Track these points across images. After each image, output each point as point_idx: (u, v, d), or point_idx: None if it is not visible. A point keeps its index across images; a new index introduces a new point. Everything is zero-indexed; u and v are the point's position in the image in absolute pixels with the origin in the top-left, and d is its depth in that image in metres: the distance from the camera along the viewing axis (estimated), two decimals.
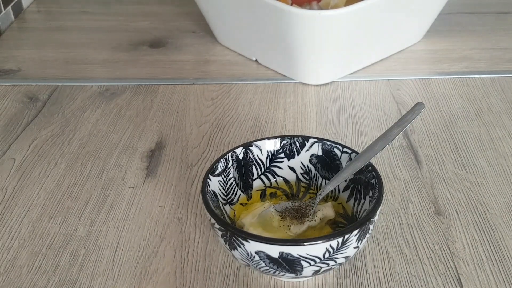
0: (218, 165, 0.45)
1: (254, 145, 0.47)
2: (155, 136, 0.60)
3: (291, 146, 0.48)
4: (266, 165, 0.48)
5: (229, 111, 0.63)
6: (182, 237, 0.47)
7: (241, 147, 0.47)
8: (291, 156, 0.48)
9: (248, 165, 0.47)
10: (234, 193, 0.47)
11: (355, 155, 0.45)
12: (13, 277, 0.44)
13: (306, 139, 0.47)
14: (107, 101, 0.66)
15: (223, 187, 0.45)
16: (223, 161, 0.45)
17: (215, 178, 0.45)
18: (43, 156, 0.57)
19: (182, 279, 0.44)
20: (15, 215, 0.50)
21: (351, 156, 0.46)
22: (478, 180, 0.52)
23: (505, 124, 0.60)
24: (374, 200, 0.41)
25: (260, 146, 0.47)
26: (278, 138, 0.48)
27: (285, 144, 0.48)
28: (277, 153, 0.48)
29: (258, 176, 0.48)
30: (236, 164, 0.47)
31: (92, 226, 0.49)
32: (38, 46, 0.79)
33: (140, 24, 0.85)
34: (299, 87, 0.68)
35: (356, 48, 0.67)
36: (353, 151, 0.46)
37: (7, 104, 0.66)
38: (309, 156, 0.48)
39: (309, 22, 0.61)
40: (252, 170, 0.48)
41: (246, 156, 0.47)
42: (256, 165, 0.48)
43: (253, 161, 0.47)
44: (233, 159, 0.46)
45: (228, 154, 0.46)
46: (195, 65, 0.73)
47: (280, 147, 0.48)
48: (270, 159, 0.48)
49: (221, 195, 0.45)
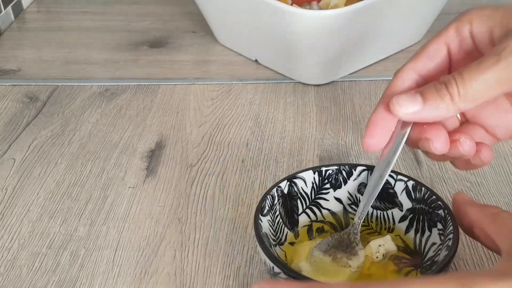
0: (266, 202, 0.41)
1: (298, 177, 0.44)
2: (155, 136, 0.60)
3: (337, 175, 0.45)
4: (311, 198, 0.45)
5: (229, 111, 0.63)
6: (182, 237, 0.47)
7: (285, 180, 0.43)
8: (337, 186, 0.45)
9: (293, 199, 0.44)
10: (282, 232, 0.43)
11: (412, 183, 0.42)
12: (13, 277, 0.44)
13: (354, 167, 0.44)
14: (107, 101, 0.66)
15: (272, 226, 0.42)
16: (270, 198, 0.42)
17: (265, 218, 0.41)
18: (43, 156, 0.57)
19: (182, 279, 0.44)
20: (15, 215, 0.50)
21: (407, 184, 0.43)
22: (478, 180, 0.52)
23: None
24: (451, 236, 0.38)
25: (305, 178, 0.44)
26: (323, 168, 0.44)
27: (330, 173, 0.44)
28: (322, 184, 0.45)
29: (303, 210, 0.45)
30: (282, 200, 0.43)
31: (92, 226, 0.49)
32: (38, 46, 0.79)
33: (140, 24, 0.85)
34: (299, 87, 0.68)
35: (356, 48, 0.67)
36: (409, 178, 0.43)
37: (7, 104, 0.66)
38: (357, 185, 0.44)
39: (309, 22, 0.61)
40: (297, 204, 0.44)
41: (291, 190, 0.44)
42: (301, 198, 0.44)
43: (298, 195, 0.44)
44: (279, 194, 0.43)
45: (273, 189, 0.42)
46: (195, 65, 0.73)
47: (325, 177, 0.44)
48: (316, 191, 0.45)
49: (271, 236, 0.41)
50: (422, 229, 0.42)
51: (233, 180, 0.53)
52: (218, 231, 0.48)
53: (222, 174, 0.54)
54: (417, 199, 0.42)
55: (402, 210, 0.43)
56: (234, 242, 0.47)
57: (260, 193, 0.52)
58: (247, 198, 0.51)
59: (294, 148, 0.57)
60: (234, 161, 0.56)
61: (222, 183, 0.53)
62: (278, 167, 0.55)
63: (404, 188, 0.43)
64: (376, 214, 0.45)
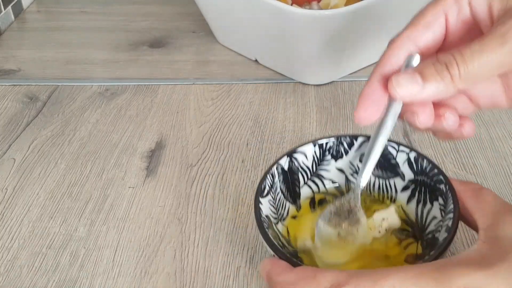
0: (266, 183, 0.41)
1: (298, 151, 0.44)
2: (155, 136, 0.60)
3: (337, 147, 0.45)
4: (312, 171, 0.45)
5: (229, 111, 0.63)
6: (182, 237, 0.47)
7: (285, 156, 0.43)
8: (339, 156, 0.45)
9: (294, 173, 0.44)
10: (283, 208, 0.43)
11: (414, 154, 0.42)
12: (13, 277, 0.44)
13: (355, 138, 0.44)
14: (107, 101, 0.66)
15: (273, 205, 0.42)
16: (270, 177, 0.42)
17: (265, 199, 0.41)
18: (43, 156, 0.57)
19: (182, 279, 0.44)
20: (15, 215, 0.50)
21: (409, 156, 0.43)
22: (478, 180, 0.52)
23: (505, 124, 0.60)
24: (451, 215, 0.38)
25: (305, 152, 0.44)
26: (323, 140, 0.44)
27: (331, 146, 0.45)
28: (323, 156, 0.45)
29: (305, 183, 0.45)
30: (283, 176, 0.43)
31: (92, 226, 0.49)
32: (38, 46, 0.79)
33: (140, 24, 0.85)
34: (299, 87, 0.68)
35: (356, 48, 0.67)
36: (411, 149, 0.43)
37: (7, 104, 0.66)
38: (359, 155, 0.44)
39: (309, 22, 0.61)
40: (299, 178, 0.44)
41: (291, 165, 0.44)
42: (302, 172, 0.44)
43: (299, 169, 0.44)
44: (279, 171, 0.43)
45: (273, 167, 0.42)
46: (195, 65, 0.73)
47: (326, 149, 0.45)
48: (316, 164, 0.45)
49: (272, 215, 0.41)
50: (424, 201, 0.42)
51: (233, 180, 0.53)
52: (218, 231, 0.48)
53: (222, 174, 0.54)
54: (419, 171, 0.42)
55: (404, 180, 0.43)
56: (234, 242, 0.47)
57: None
58: (247, 198, 0.51)
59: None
60: (234, 161, 0.56)
61: (222, 183, 0.53)
62: None
63: (406, 159, 0.43)
64: (378, 182, 0.45)
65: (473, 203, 0.37)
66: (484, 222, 0.35)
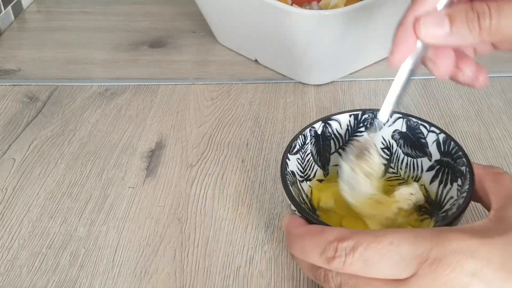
0: (297, 142, 0.44)
1: (334, 119, 0.46)
2: (155, 136, 0.60)
3: (372, 120, 0.46)
4: (345, 139, 0.46)
5: (229, 111, 0.63)
6: (182, 237, 0.47)
7: (320, 121, 0.45)
8: (372, 130, 0.46)
9: (326, 139, 0.46)
10: (311, 169, 0.45)
11: (443, 136, 0.44)
12: (13, 277, 0.44)
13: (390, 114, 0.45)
14: (107, 101, 0.66)
15: (301, 164, 0.44)
16: (302, 138, 0.44)
17: (294, 156, 0.43)
18: (43, 156, 0.57)
19: (182, 279, 0.44)
20: (15, 215, 0.50)
21: (438, 137, 0.44)
22: None
23: (505, 124, 0.60)
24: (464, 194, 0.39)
25: (340, 120, 0.46)
26: (359, 112, 0.46)
27: (366, 118, 0.46)
28: (357, 127, 0.46)
29: (336, 150, 0.46)
30: (315, 140, 0.45)
31: (92, 226, 0.49)
32: (38, 46, 0.79)
33: (140, 24, 0.85)
34: (299, 87, 0.68)
35: (356, 48, 0.67)
36: (441, 130, 0.44)
37: (7, 104, 0.66)
38: (391, 131, 0.46)
39: (309, 22, 0.61)
40: (330, 144, 0.46)
41: (325, 130, 0.46)
42: (335, 139, 0.46)
43: (332, 135, 0.46)
44: (312, 134, 0.45)
45: (307, 129, 0.45)
46: (195, 65, 0.73)
47: (361, 120, 0.46)
48: (350, 133, 0.46)
49: (299, 173, 0.44)
50: (445, 182, 0.43)
51: (233, 180, 0.53)
52: (218, 231, 0.48)
53: (222, 174, 0.54)
54: (445, 151, 0.43)
55: (431, 160, 0.44)
56: (234, 242, 0.47)
57: (260, 193, 0.52)
58: (247, 198, 0.51)
59: None
60: (234, 161, 0.56)
61: (222, 183, 0.53)
62: (278, 167, 0.55)
63: (436, 140, 0.44)
64: (406, 160, 0.46)
65: (492, 185, 0.38)
66: (497, 203, 0.36)
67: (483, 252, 0.32)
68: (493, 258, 0.32)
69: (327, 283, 0.36)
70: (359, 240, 0.34)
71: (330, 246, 0.35)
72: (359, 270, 0.34)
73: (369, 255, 0.33)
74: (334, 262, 0.34)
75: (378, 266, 0.33)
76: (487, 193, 0.38)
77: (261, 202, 0.51)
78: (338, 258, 0.34)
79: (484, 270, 0.32)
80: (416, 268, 0.32)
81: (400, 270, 0.33)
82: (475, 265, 0.32)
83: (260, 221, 0.49)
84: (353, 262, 0.34)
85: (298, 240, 0.37)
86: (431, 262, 0.32)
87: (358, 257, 0.34)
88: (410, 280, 0.33)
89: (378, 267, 0.33)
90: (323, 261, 0.35)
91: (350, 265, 0.34)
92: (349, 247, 0.34)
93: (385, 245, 0.33)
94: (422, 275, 0.32)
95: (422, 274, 0.32)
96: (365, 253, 0.33)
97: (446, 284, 0.32)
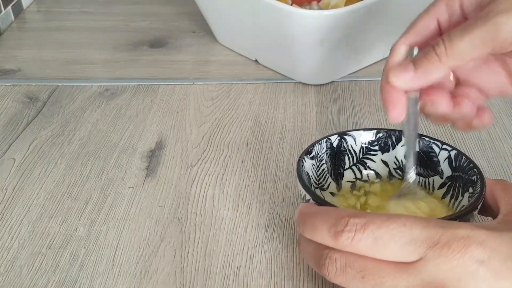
0: (313, 148, 0.45)
1: (349, 134, 0.47)
2: (155, 136, 0.60)
3: (386, 139, 0.47)
4: (359, 156, 0.47)
5: (229, 111, 0.63)
6: (182, 237, 0.47)
7: (336, 135, 0.46)
8: (386, 149, 0.47)
9: (341, 154, 0.47)
10: (325, 180, 0.46)
11: (455, 152, 0.45)
12: (13, 277, 0.44)
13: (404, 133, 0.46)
14: (107, 101, 0.66)
15: (316, 171, 0.45)
16: (318, 146, 0.45)
17: (310, 160, 0.44)
18: (43, 156, 0.57)
19: (182, 279, 0.44)
20: (15, 215, 0.50)
21: (450, 154, 0.45)
22: None
23: (505, 124, 0.60)
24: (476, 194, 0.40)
25: (355, 136, 0.47)
26: (374, 130, 0.47)
27: (380, 137, 0.47)
28: (371, 145, 0.47)
29: (350, 166, 0.47)
30: (330, 151, 0.46)
31: (92, 226, 0.49)
32: (38, 46, 0.79)
33: (140, 24, 0.85)
34: (299, 87, 0.68)
35: (356, 48, 0.67)
36: (453, 148, 0.45)
37: (7, 104, 0.66)
38: (404, 151, 0.46)
39: (309, 22, 0.61)
40: (345, 159, 0.47)
41: (340, 145, 0.47)
42: (349, 154, 0.47)
43: (346, 151, 0.47)
44: (327, 146, 0.46)
45: (323, 140, 0.46)
46: (195, 65, 0.73)
47: (375, 139, 0.47)
48: (364, 151, 0.47)
49: (313, 178, 0.45)
50: (457, 195, 0.44)
51: (233, 180, 0.53)
52: (218, 231, 0.48)
53: (222, 174, 0.54)
54: (457, 167, 0.44)
55: (443, 177, 0.45)
56: (234, 242, 0.47)
57: (260, 193, 0.52)
58: (247, 198, 0.51)
59: (294, 148, 0.57)
60: (234, 161, 0.56)
61: (222, 183, 0.53)
62: (278, 167, 0.55)
63: (447, 157, 0.45)
64: (419, 180, 0.47)
65: (501, 194, 0.40)
66: (506, 209, 0.38)
67: (491, 242, 0.33)
68: (501, 248, 0.33)
69: (331, 265, 0.35)
70: (372, 218, 0.34)
71: (341, 221, 0.34)
72: (367, 249, 0.34)
73: (380, 234, 0.33)
74: (343, 236, 0.34)
75: (387, 246, 0.33)
76: (496, 200, 0.40)
77: (261, 202, 0.51)
78: (347, 233, 0.34)
79: (491, 259, 0.32)
80: (425, 252, 0.33)
81: (409, 252, 0.33)
82: (484, 253, 0.32)
83: (260, 221, 0.49)
84: (362, 238, 0.34)
85: (309, 218, 0.37)
86: (441, 246, 0.32)
87: (369, 234, 0.33)
88: (418, 263, 0.33)
89: (388, 247, 0.33)
90: (331, 235, 0.35)
91: (359, 241, 0.34)
92: (360, 223, 0.34)
93: (398, 225, 0.33)
94: (430, 258, 0.33)
95: (430, 257, 0.33)
96: (376, 231, 0.33)
97: (454, 269, 0.32)
